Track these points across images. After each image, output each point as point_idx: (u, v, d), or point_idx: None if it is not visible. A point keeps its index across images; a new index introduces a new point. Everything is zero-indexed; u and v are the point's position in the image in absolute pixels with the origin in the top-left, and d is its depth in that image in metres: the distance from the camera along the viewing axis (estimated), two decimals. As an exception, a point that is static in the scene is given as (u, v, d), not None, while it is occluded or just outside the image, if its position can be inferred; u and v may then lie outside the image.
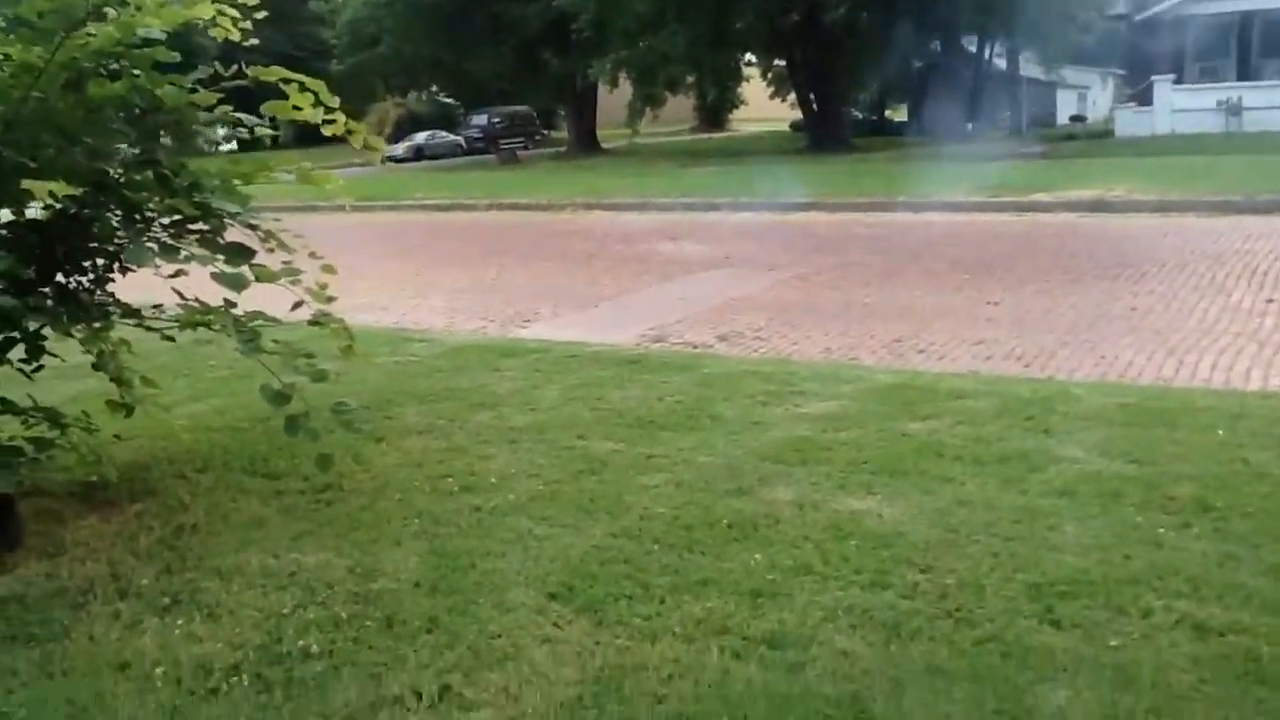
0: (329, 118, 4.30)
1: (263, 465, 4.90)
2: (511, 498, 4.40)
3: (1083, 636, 3.11)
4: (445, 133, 47.30)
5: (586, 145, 38.86)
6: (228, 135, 4.39)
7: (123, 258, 4.42)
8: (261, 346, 4.20)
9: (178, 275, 4.26)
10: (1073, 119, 38.20)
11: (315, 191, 4.75)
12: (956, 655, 3.04)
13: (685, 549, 3.83)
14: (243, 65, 4.10)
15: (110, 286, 4.58)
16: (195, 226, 4.36)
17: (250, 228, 4.38)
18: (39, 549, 4.09)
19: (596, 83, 35.65)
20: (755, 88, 44.37)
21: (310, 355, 4.25)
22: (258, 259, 4.22)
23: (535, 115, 47.52)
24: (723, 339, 8.00)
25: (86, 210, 4.21)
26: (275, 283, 4.19)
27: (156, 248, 4.20)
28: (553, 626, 3.31)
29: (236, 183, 4.35)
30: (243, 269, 4.22)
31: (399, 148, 42.84)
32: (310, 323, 4.40)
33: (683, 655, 3.09)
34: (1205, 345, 7.00)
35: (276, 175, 4.54)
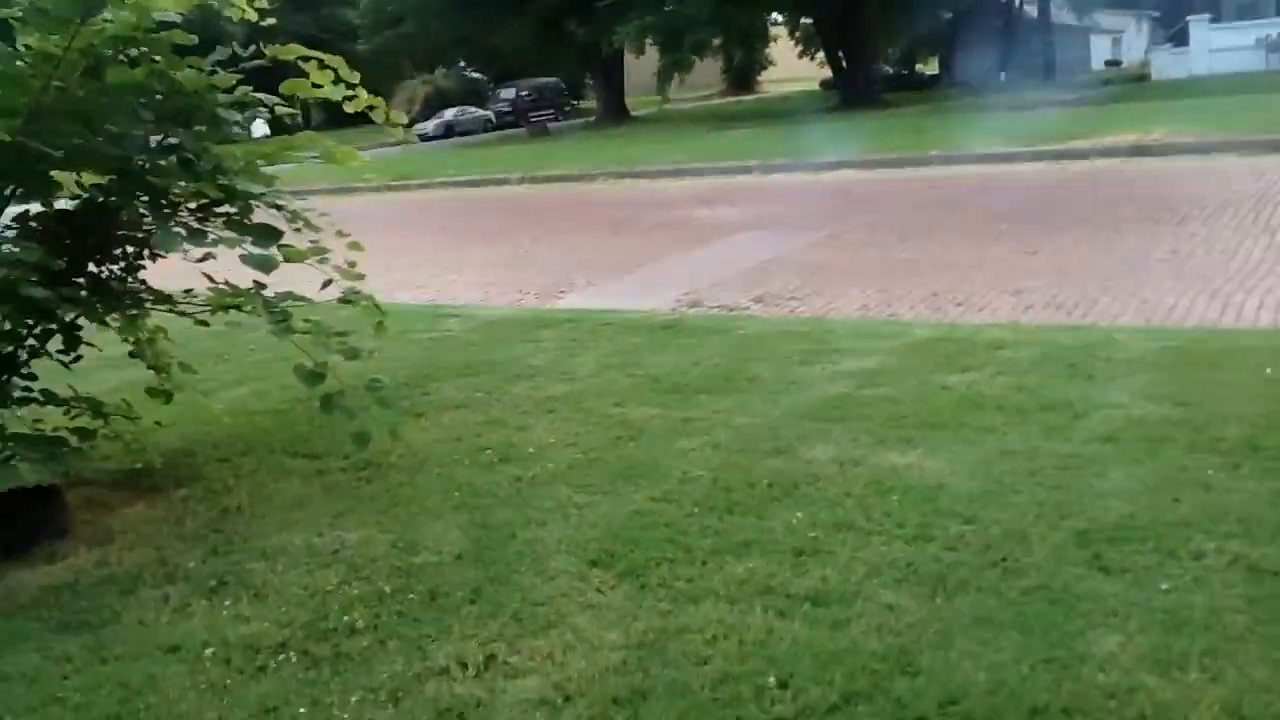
0: (349, 94, 4.28)
1: (303, 446, 4.93)
2: (550, 467, 4.40)
3: (1132, 582, 3.06)
4: (474, 108, 47.29)
5: (616, 114, 38.68)
6: (249, 117, 4.37)
7: (151, 244, 4.44)
8: (293, 327, 4.20)
9: (206, 259, 4.27)
10: (1107, 64, 37.58)
11: (348, 173, 4.75)
12: (1004, 605, 3.00)
13: (725, 510, 3.81)
14: (260, 45, 4.09)
15: (142, 274, 4.60)
16: (221, 210, 4.36)
17: (276, 208, 4.38)
18: (88, 537, 4.13)
19: (622, 50, 35.46)
20: (783, 47, 44.02)
21: (343, 334, 4.26)
22: (285, 240, 4.22)
23: (563, 86, 47.31)
24: (758, 301, 7.95)
25: (113, 198, 4.23)
26: (303, 262, 4.19)
27: (184, 232, 4.21)
28: (595, 592, 3.30)
29: (261, 164, 4.35)
30: (271, 250, 4.22)
31: (429, 125, 42.90)
32: (340, 300, 4.40)
33: (726, 616, 3.08)
34: (1250, 286, 6.86)
35: (300, 154, 4.55)
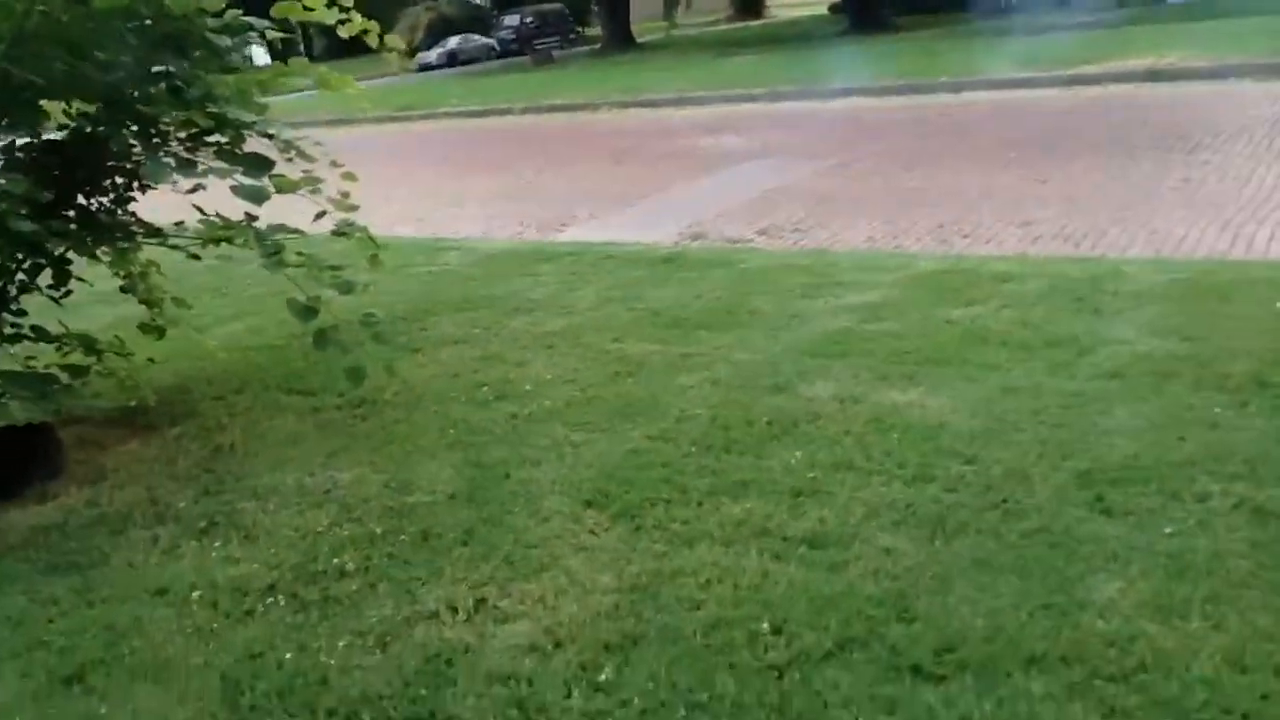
0: (344, 18, 4.16)
1: (298, 382, 4.88)
2: (547, 404, 4.34)
3: (1135, 524, 3.00)
4: (477, 36, 46.57)
5: (621, 41, 38.07)
6: (239, 42, 4.24)
7: (140, 175, 4.35)
8: (285, 260, 4.13)
9: (195, 190, 4.19)
10: (1123, -15, 36.76)
11: (348, 105, 4.65)
12: (1003, 548, 2.94)
13: (723, 450, 3.75)
14: None
15: (132, 207, 4.51)
16: (212, 139, 4.27)
17: (267, 137, 4.28)
18: (80, 476, 4.10)
19: (627, -26, 34.83)
20: (791, -29, 43.18)
21: (337, 268, 4.18)
22: (279, 171, 4.13)
23: (568, 12, 46.60)
24: (762, 233, 7.82)
25: (101, 128, 4.13)
26: (296, 193, 4.11)
27: (174, 163, 4.12)
28: (589, 534, 3.26)
29: (256, 93, 4.25)
30: (262, 181, 4.13)
31: (432, 54, 42.38)
32: (334, 233, 4.31)
33: (721, 558, 3.03)
34: (1263, 216, 6.71)
35: (294, 82, 4.44)
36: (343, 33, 4.25)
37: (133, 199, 4.52)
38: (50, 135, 4.29)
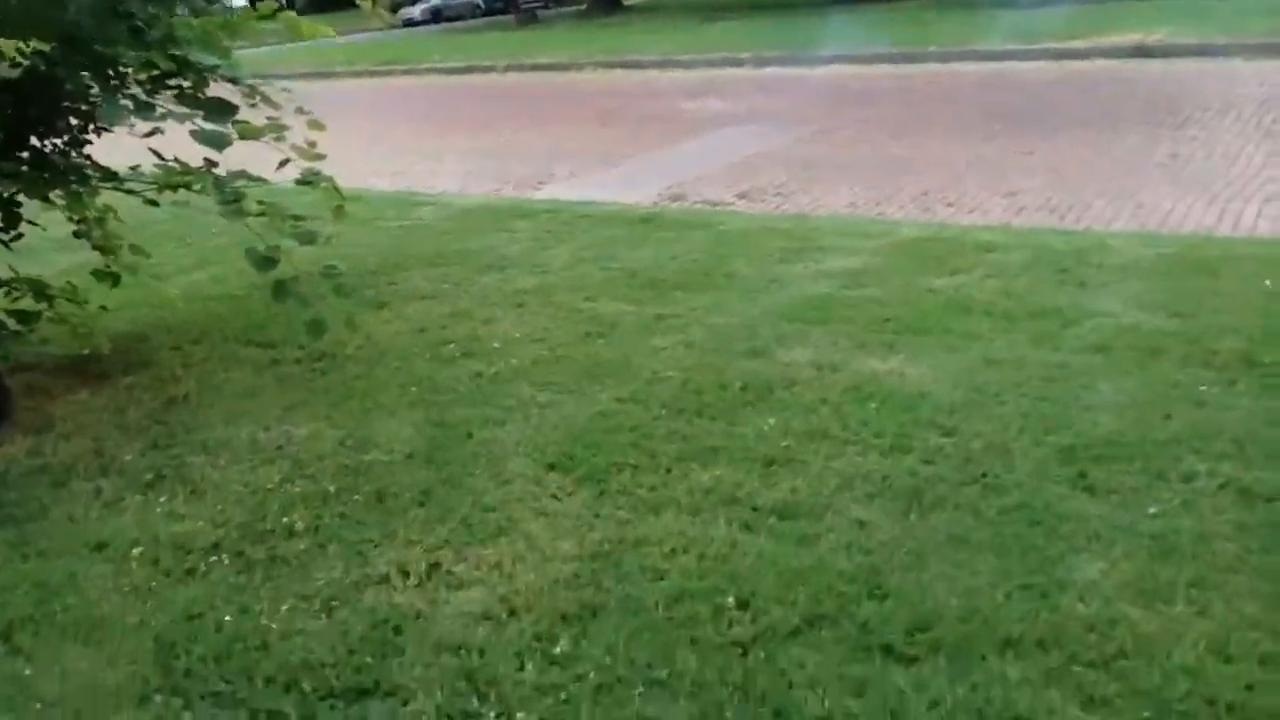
0: None
1: (259, 334, 4.71)
2: (514, 363, 4.19)
3: (1118, 503, 2.89)
4: (464, -8, 45.89)
5: (608, 3, 37.57)
6: None
7: (97, 116, 4.18)
8: (245, 209, 3.97)
9: (153, 134, 4.02)
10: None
11: (328, 58, 4.48)
12: (981, 525, 2.83)
13: (695, 414, 3.62)
14: None
15: (88, 150, 4.33)
16: (174, 82, 4.11)
17: (232, 82, 4.11)
18: (26, 425, 3.94)
19: (617, -66, 34.36)
20: (782, -63, 42.68)
21: (299, 217, 4.03)
22: (245, 118, 3.97)
23: (555, -27, 45.96)
24: (743, 196, 7.66)
25: (58, 68, 3.94)
26: (259, 140, 3.95)
27: (131, 105, 3.96)
28: (551, 498, 3.13)
29: (223, 39, 4.08)
30: (224, 126, 3.97)
31: (416, 10, 41.73)
32: (298, 182, 4.15)
33: (687, 528, 2.91)
34: (1250, 193, 6.60)
35: (264, 27, 4.27)
36: None
37: (88, 141, 4.35)
38: (2, 74, 4.10)
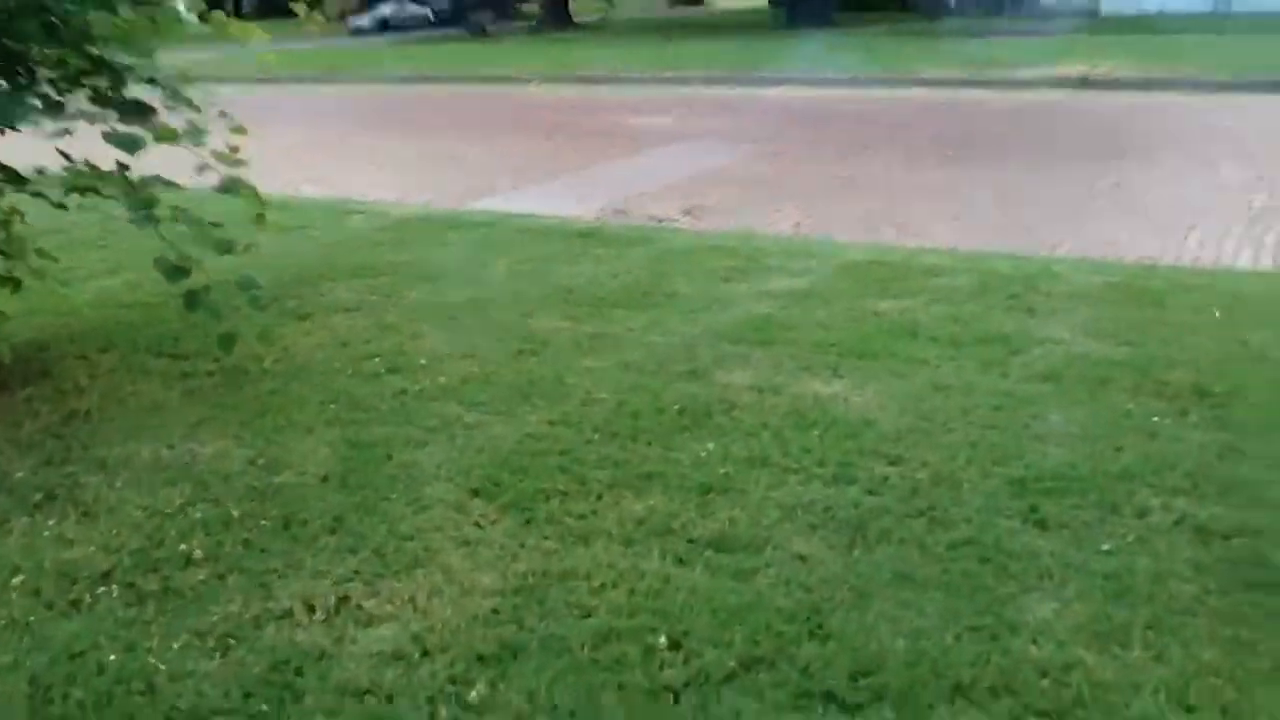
0: None
1: (170, 345, 4.45)
2: (441, 380, 3.98)
3: (1071, 539, 2.75)
4: (413, 3, 45.56)
5: (559, 19, 37.47)
6: None
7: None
8: (157, 215, 3.76)
9: (63, 135, 3.79)
10: (1058, -4, 37.11)
11: (268, 63, 4.29)
12: (929, 560, 2.67)
13: (629, 438, 3.44)
14: None
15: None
16: (89, 81, 3.88)
17: (150, 83, 3.89)
18: (-89, 438, 3.66)
19: (568, -48, 34.29)
20: (732, -39, 42.93)
21: (216, 225, 3.82)
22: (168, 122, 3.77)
23: (507, -13, 45.76)
24: (688, 213, 7.51)
25: (-40, 61, 3.71)
26: (176, 144, 3.73)
27: (40, 104, 3.73)
28: (473, 526, 2.92)
29: (153, 43, 3.87)
30: (141, 129, 3.76)
31: (364, 19, 41.42)
32: (218, 190, 3.93)
33: (618, 560, 2.72)
34: (1192, 223, 6.58)
35: (187, 27, 4.06)
36: None
37: (-9, 140, 4.09)
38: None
